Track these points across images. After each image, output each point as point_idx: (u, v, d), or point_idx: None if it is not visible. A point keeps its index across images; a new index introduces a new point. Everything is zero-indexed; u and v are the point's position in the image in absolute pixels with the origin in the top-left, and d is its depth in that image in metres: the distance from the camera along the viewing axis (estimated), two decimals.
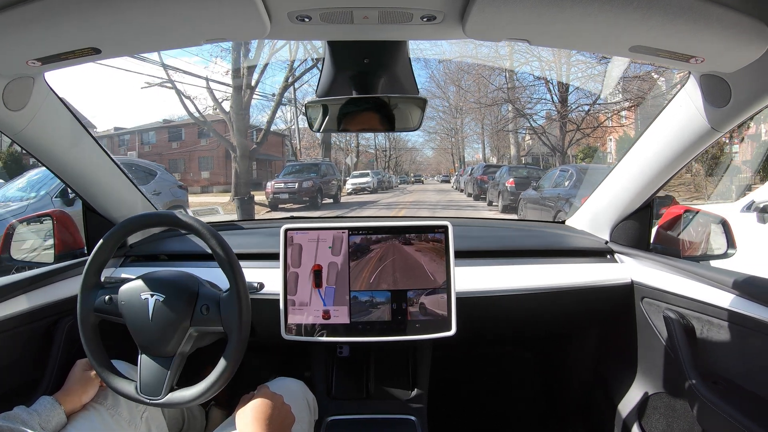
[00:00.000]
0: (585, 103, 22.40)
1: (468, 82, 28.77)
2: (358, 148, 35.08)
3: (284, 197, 18.50)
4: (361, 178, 27.35)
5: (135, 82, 59.15)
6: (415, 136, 48.69)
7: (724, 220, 1.89)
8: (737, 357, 1.45)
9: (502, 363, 2.63)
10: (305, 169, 20.39)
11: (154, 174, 11.41)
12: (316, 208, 18.36)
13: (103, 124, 35.07)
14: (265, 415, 1.30)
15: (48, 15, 1.01)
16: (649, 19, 1.02)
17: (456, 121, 34.92)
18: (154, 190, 10.75)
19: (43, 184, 8.63)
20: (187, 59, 40.66)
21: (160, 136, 33.25)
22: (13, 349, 1.52)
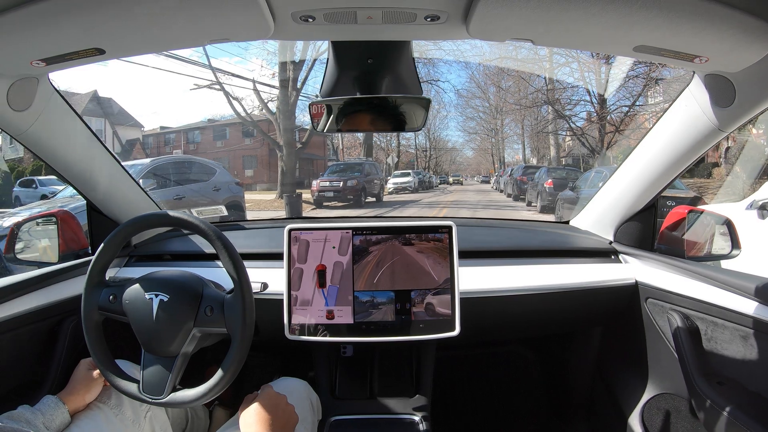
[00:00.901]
0: (624, 104, 22.28)
1: (508, 83, 28.76)
2: (399, 148, 35.13)
3: (329, 195, 18.73)
4: (402, 177, 27.35)
5: (180, 83, 59.48)
6: (455, 137, 48.51)
7: (728, 221, 1.89)
8: (742, 358, 1.45)
9: (506, 363, 2.63)
10: (349, 169, 20.69)
11: (214, 171, 11.98)
12: (359, 206, 18.57)
13: (150, 123, 35.52)
14: (268, 415, 1.30)
15: (52, 16, 1.01)
16: (653, 19, 1.02)
17: (496, 122, 34.79)
18: (214, 186, 11.48)
19: None
20: (227, 59, 40.99)
21: (204, 135, 33.40)
22: (18, 349, 1.53)
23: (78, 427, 1.34)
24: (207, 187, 11.38)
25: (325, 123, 1.59)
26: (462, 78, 31.02)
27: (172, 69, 38.85)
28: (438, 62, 28.68)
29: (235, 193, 12.21)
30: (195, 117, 43.75)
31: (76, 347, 1.66)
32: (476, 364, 2.60)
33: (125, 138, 30.00)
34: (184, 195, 10.74)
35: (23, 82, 1.34)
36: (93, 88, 28.60)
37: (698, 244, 1.92)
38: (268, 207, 18.51)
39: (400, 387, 1.85)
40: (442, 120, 36.52)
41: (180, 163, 11.94)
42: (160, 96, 56.44)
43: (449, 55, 27.15)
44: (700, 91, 1.42)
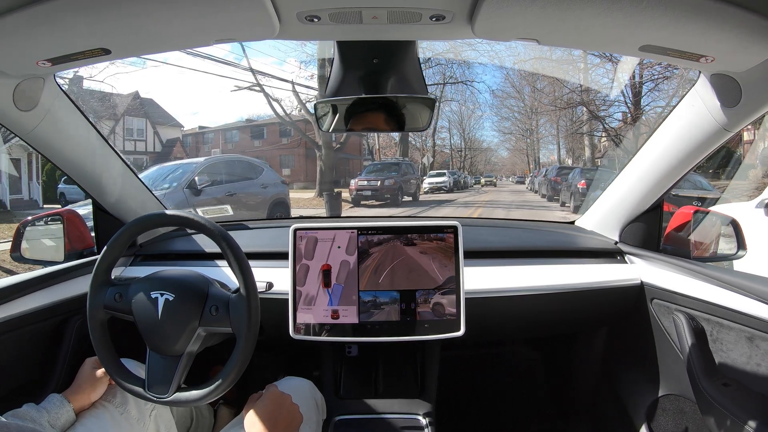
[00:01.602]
0: (658, 105, 22.17)
1: (543, 83, 28.70)
2: (434, 148, 35.17)
3: (367, 194, 18.95)
4: (438, 177, 27.41)
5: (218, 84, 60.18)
6: (490, 137, 48.35)
7: (734, 221, 1.88)
8: (747, 359, 1.44)
9: (510, 363, 2.63)
10: (386, 168, 20.86)
11: (262, 170, 12.46)
12: (397, 205, 18.73)
13: (189, 123, 36.04)
14: (273, 414, 1.30)
15: (57, 16, 1.02)
16: (659, 19, 1.01)
17: (531, 122, 34.57)
18: (262, 183, 11.97)
19: (174, 177, 10.27)
20: (262, 60, 41.37)
21: (242, 135, 33.67)
22: (23, 347, 1.53)
23: (83, 426, 1.35)
24: (255, 185, 11.86)
25: (330, 122, 1.59)
26: (497, 78, 31.04)
27: (209, 71, 39.31)
28: (473, 63, 28.70)
29: (280, 190, 12.68)
30: (233, 117, 44.34)
31: (81, 346, 1.66)
32: (481, 365, 2.60)
33: (165, 137, 30.33)
34: (235, 192, 11.23)
35: (29, 82, 1.35)
36: (134, 89, 28.88)
37: (704, 244, 1.91)
38: (307, 205, 18.81)
39: (404, 387, 1.85)
40: (477, 120, 36.54)
41: (231, 161, 12.61)
42: (198, 97, 57.34)
43: (483, 56, 27.16)
44: (706, 91, 1.41)
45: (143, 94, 28.66)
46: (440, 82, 30.10)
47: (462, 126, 36.60)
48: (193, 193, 10.01)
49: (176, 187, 9.93)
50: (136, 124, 28.14)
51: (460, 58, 26.49)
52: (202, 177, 10.49)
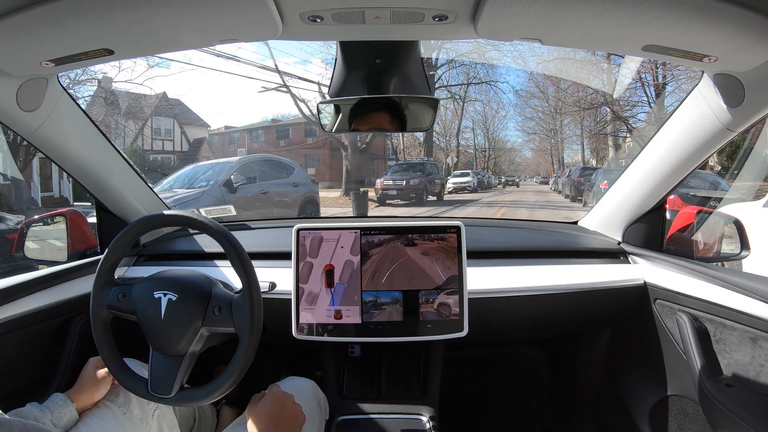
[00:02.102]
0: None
1: (567, 83, 28.60)
2: (459, 148, 35.16)
3: (392, 193, 19.14)
4: (462, 177, 27.49)
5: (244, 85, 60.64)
6: (514, 137, 48.26)
7: (737, 221, 1.88)
8: (750, 360, 1.44)
9: (513, 363, 2.62)
10: (411, 168, 21.02)
11: (293, 169, 12.96)
12: (421, 204, 18.84)
13: (215, 123, 36.45)
14: (275, 414, 1.30)
15: (61, 17, 1.02)
16: (662, 19, 1.01)
17: (555, 122, 34.36)
18: (293, 182, 12.46)
19: (211, 175, 10.84)
20: (286, 60, 41.72)
21: (268, 135, 33.85)
22: (27, 347, 1.54)
23: (86, 425, 1.35)
24: (287, 183, 12.34)
25: (333, 123, 1.59)
26: (521, 78, 30.94)
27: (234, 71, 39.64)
28: (497, 62, 28.67)
29: (311, 189, 13.18)
30: (258, 117, 44.66)
31: (84, 346, 1.67)
32: (484, 365, 2.60)
33: (193, 137, 30.54)
34: (268, 190, 11.70)
35: (32, 82, 1.35)
36: (163, 90, 29.10)
37: (707, 244, 1.91)
38: (333, 204, 18.96)
39: (407, 387, 1.85)
40: (500, 120, 36.39)
41: (264, 161, 12.92)
42: (224, 97, 57.91)
43: (507, 56, 27.17)
44: (709, 90, 1.41)
45: (171, 94, 28.99)
46: (464, 83, 30.11)
47: (486, 126, 36.56)
48: (229, 191, 10.49)
49: (213, 185, 10.42)
50: (164, 123, 28.35)
51: (484, 59, 26.50)
52: (237, 176, 10.93)
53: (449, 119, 33.53)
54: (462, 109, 31.82)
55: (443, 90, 28.77)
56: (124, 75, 24.46)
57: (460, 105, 31.68)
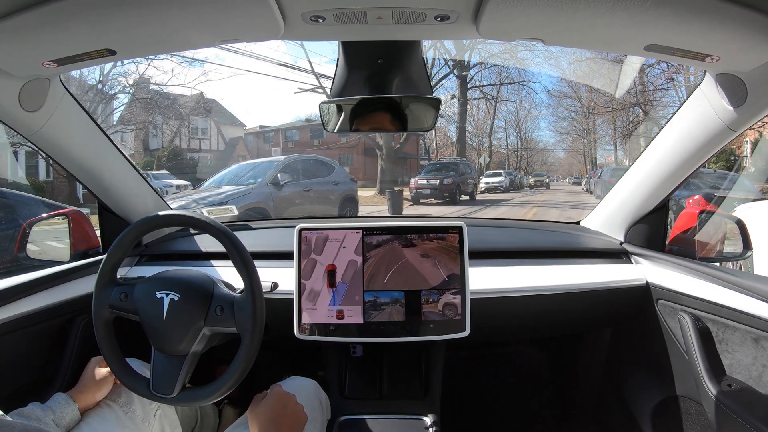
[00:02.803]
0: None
1: (600, 83, 28.45)
2: (491, 148, 35.10)
3: (426, 192, 19.39)
4: (494, 177, 27.52)
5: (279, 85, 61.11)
6: (546, 137, 47.84)
7: (740, 221, 1.88)
8: (753, 360, 1.44)
9: (515, 363, 2.62)
10: (445, 168, 21.20)
11: (333, 168, 13.49)
12: (455, 203, 19.05)
13: (250, 122, 36.85)
14: (277, 414, 1.30)
15: (63, 17, 1.02)
16: (664, 18, 1.01)
17: (588, 122, 33.97)
18: (334, 180, 12.96)
19: (258, 173, 11.51)
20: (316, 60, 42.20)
21: (302, 134, 33.99)
22: (29, 347, 1.54)
23: (88, 425, 1.35)
24: (329, 182, 12.81)
25: (335, 123, 1.59)
26: (553, 78, 30.74)
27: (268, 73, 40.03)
28: (528, 63, 28.62)
29: (350, 187, 13.59)
30: (292, 116, 45.19)
31: (86, 346, 1.67)
32: (486, 365, 2.60)
33: (229, 136, 30.79)
34: (311, 188, 12.20)
35: (35, 82, 1.35)
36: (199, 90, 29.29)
37: (710, 244, 1.90)
38: (369, 203, 19.04)
39: (409, 387, 1.84)
40: (533, 120, 36.07)
41: (306, 160, 13.47)
42: (258, 96, 58.46)
43: (539, 57, 27.15)
44: (711, 90, 1.41)
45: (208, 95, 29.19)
46: (496, 83, 30.08)
47: (518, 126, 36.36)
48: (276, 188, 11.12)
49: (261, 182, 11.03)
50: (201, 123, 28.53)
51: (516, 59, 26.50)
52: (283, 174, 11.55)
53: (482, 119, 33.45)
54: (494, 109, 31.74)
55: (476, 90, 28.81)
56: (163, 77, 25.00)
57: (493, 105, 31.61)
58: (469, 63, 27.32)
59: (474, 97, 29.42)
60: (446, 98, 27.06)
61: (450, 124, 29.39)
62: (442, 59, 24.73)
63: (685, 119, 1.58)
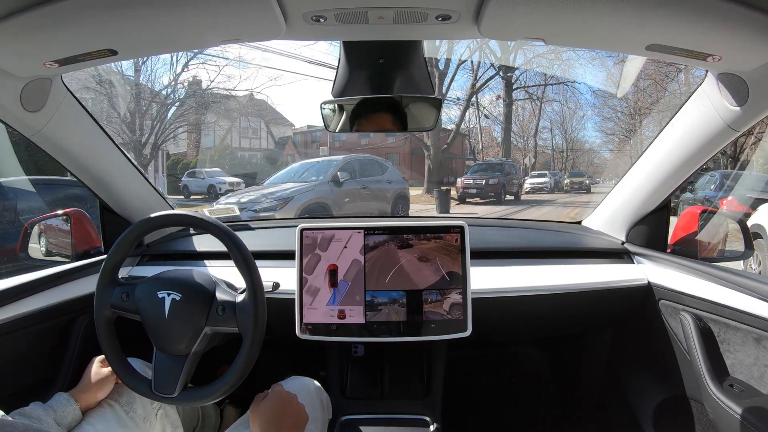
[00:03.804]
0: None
1: (646, 83, 28.28)
2: (536, 149, 35.04)
3: (472, 192, 19.71)
4: (539, 178, 27.55)
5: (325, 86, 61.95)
6: (592, 137, 47.73)
7: (741, 221, 1.88)
8: (754, 360, 1.44)
9: (516, 363, 2.62)
10: (491, 168, 21.45)
11: (387, 168, 14.28)
12: (500, 203, 19.31)
13: (299, 122, 37.06)
14: (278, 414, 1.31)
15: (65, 17, 1.02)
16: (666, 18, 1.01)
17: (634, 123, 33.99)
18: (388, 179, 13.73)
19: (318, 171, 12.29)
20: None
21: (349, 134, 33.86)
22: (31, 346, 1.54)
23: (89, 425, 1.35)
24: (383, 180, 13.62)
25: (337, 123, 1.59)
26: (598, 78, 30.39)
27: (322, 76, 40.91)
28: (573, 63, 28.49)
29: (402, 186, 14.40)
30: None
31: (88, 345, 1.67)
32: (487, 365, 2.60)
33: (278, 135, 31.08)
34: (367, 185, 12.94)
35: (36, 83, 1.35)
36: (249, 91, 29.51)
37: (711, 244, 1.90)
38: (416, 201, 19.20)
39: (410, 387, 1.84)
40: (578, 121, 35.78)
41: (363, 159, 14.17)
42: (305, 96, 59.10)
43: (583, 57, 27.03)
44: (713, 90, 1.41)
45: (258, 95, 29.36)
46: (541, 83, 30.02)
47: (564, 126, 36.16)
48: (336, 185, 11.84)
49: (322, 180, 11.81)
50: (251, 123, 28.74)
51: (561, 60, 26.45)
52: (342, 172, 12.19)
53: (527, 119, 33.31)
54: (540, 109, 31.62)
55: (521, 91, 28.77)
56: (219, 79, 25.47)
57: (538, 105, 31.51)
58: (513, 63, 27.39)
59: (519, 98, 29.38)
60: (492, 99, 27.22)
61: (496, 124, 29.40)
62: (494, 67, 25.08)
63: (686, 119, 1.58)
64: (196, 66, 23.24)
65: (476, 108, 28.17)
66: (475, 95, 26.32)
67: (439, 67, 23.22)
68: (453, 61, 23.72)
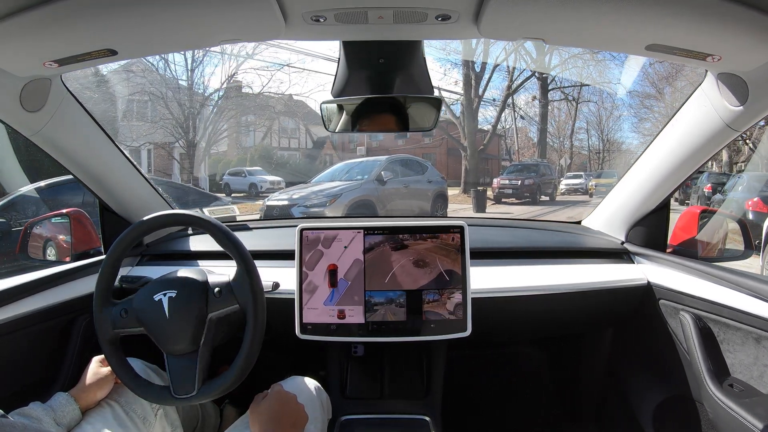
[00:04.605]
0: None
1: (683, 82, 28.13)
2: (572, 150, 35.03)
3: (508, 192, 20.00)
4: (575, 179, 27.58)
5: None
6: (629, 138, 47.61)
7: (741, 221, 1.88)
8: (754, 360, 1.44)
9: (516, 363, 2.62)
10: (526, 169, 21.70)
11: (426, 168, 15.10)
12: (535, 203, 19.61)
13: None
14: (278, 414, 1.31)
15: (64, 17, 1.02)
16: (665, 18, 1.01)
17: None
18: (428, 179, 14.53)
19: (363, 171, 13.27)
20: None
21: (387, 135, 34.07)
22: (31, 346, 1.54)
23: (89, 424, 1.35)
24: (423, 180, 14.42)
25: (336, 123, 1.59)
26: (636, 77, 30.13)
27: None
28: (609, 63, 28.41)
29: (441, 185, 15.10)
30: None
31: (87, 345, 1.67)
32: (487, 365, 2.59)
33: (316, 135, 31.29)
34: (409, 185, 13.81)
35: (36, 82, 1.35)
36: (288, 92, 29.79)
37: (711, 244, 1.90)
38: (453, 201, 19.31)
39: (410, 387, 1.84)
40: (615, 121, 35.65)
41: (404, 160, 15.07)
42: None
43: (618, 58, 27.00)
44: (712, 90, 1.41)
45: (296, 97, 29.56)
46: (577, 84, 29.96)
47: (600, 127, 36.06)
48: (380, 184, 12.76)
49: (368, 179, 12.75)
50: (290, 123, 29.04)
51: (596, 60, 26.46)
52: (386, 172, 13.11)
53: (563, 120, 33.20)
54: (576, 110, 31.52)
55: (556, 91, 28.79)
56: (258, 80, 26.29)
57: (574, 106, 31.42)
58: (548, 64, 27.47)
59: (555, 99, 29.37)
60: (528, 99, 27.36)
61: (531, 125, 29.42)
62: (529, 69, 25.39)
63: (686, 119, 1.58)
64: (245, 71, 24.84)
65: (512, 109, 28.30)
66: (511, 96, 26.57)
67: (476, 69, 23.76)
68: (489, 63, 24.26)
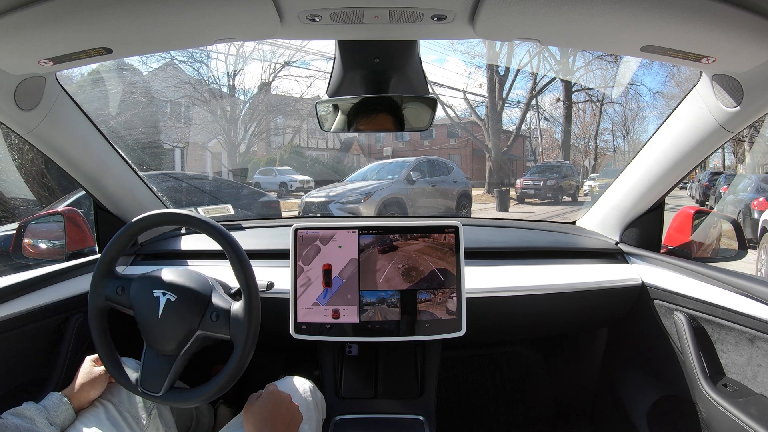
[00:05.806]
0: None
1: None
2: (597, 151, 35.03)
3: (531, 192, 20.28)
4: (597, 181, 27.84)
5: None
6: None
7: (735, 221, 1.89)
8: (748, 360, 1.44)
9: (511, 364, 2.62)
10: (548, 170, 21.93)
11: (452, 168, 15.54)
12: (557, 203, 19.79)
13: None
14: (272, 414, 1.30)
15: (59, 15, 1.02)
16: (660, 19, 1.02)
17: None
18: (453, 179, 14.99)
19: (393, 171, 13.71)
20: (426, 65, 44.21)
21: (412, 135, 34.44)
22: (24, 346, 1.54)
23: (82, 424, 1.35)
24: (448, 180, 14.86)
25: (332, 122, 1.59)
26: (661, 77, 29.89)
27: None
28: (633, 64, 28.31)
29: (466, 185, 15.61)
30: None
31: (81, 345, 1.67)
32: (481, 365, 2.60)
33: (344, 136, 31.43)
34: (435, 184, 14.24)
35: (31, 81, 1.35)
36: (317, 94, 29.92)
37: (705, 245, 1.91)
38: (477, 200, 19.58)
39: (405, 387, 1.85)
40: (640, 122, 35.56)
41: (431, 161, 15.41)
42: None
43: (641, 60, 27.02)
44: (707, 91, 1.41)
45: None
46: (601, 85, 30.00)
47: (626, 128, 36.02)
48: (409, 183, 13.23)
49: (398, 178, 13.20)
50: (312, 123, 29.10)
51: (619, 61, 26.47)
52: (414, 172, 13.56)
53: (588, 122, 33.14)
54: (600, 111, 31.47)
55: (581, 93, 28.79)
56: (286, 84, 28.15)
57: (598, 107, 31.38)
58: (572, 65, 27.51)
59: (579, 100, 29.34)
60: (552, 101, 27.44)
61: (556, 126, 29.44)
62: (552, 71, 25.59)
63: (680, 120, 1.59)
64: (282, 77, 24.87)
65: (536, 110, 28.49)
66: (535, 98, 26.81)
67: (499, 72, 23.98)
68: (512, 67, 24.50)
